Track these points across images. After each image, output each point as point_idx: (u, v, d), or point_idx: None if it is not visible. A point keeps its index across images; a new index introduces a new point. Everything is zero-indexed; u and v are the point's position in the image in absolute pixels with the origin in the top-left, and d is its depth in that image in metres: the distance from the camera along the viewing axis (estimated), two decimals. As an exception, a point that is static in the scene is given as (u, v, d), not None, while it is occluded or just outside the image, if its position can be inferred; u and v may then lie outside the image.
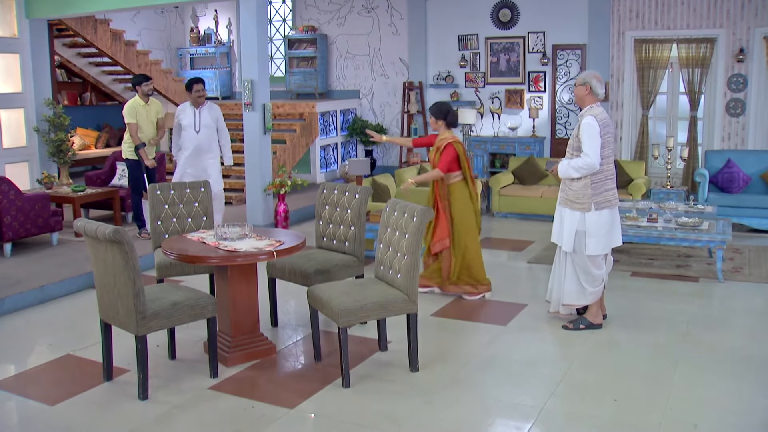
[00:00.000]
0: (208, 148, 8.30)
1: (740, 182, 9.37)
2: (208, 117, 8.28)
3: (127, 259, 4.40)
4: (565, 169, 5.59)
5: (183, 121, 8.23)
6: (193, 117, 8.22)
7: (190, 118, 8.21)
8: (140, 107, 8.37)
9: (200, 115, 8.23)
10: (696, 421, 4.24)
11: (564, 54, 11.61)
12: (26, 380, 5.00)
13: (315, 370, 5.08)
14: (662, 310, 6.25)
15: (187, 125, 8.21)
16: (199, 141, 8.22)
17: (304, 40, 13.81)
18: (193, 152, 8.20)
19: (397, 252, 4.93)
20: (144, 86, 8.37)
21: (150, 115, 8.46)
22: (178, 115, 8.24)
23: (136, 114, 8.33)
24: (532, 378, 4.92)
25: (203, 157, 8.29)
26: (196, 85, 8.15)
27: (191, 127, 8.21)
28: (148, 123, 8.44)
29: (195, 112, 8.22)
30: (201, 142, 8.23)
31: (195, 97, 8.17)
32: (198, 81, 8.20)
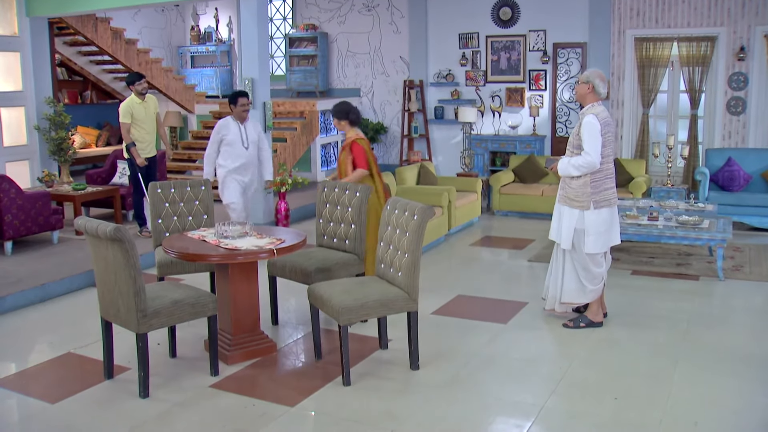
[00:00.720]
0: (253, 165, 7.87)
1: (741, 181, 9.37)
2: (254, 133, 7.82)
3: (128, 257, 4.41)
4: (565, 167, 5.60)
5: (227, 136, 7.65)
6: (239, 132, 7.68)
7: (235, 133, 7.66)
8: (137, 105, 8.33)
9: (246, 131, 7.74)
10: (696, 419, 4.24)
11: (564, 52, 11.60)
12: (27, 378, 5.01)
13: (315, 368, 5.09)
14: (662, 309, 6.26)
15: (233, 141, 7.64)
16: (247, 157, 7.75)
17: (304, 38, 13.81)
18: (240, 168, 7.72)
19: (397, 250, 4.93)
20: (137, 85, 8.31)
21: (149, 111, 8.43)
22: (220, 131, 7.65)
23: (131, 113, 8.29)
24: (533, 376, 4.93)
25: (248, 172, 7.83)
26: (242, 98, 7.60)
27: (239, 142, 7.67)
28: (148, 120, 8.41)
29: (240, 127, 7.69)
30: (249, 158, 7.78)
31: (240, 111, 7.61)
32: (243, 94, 7.69)
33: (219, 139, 7.69)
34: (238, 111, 7.61)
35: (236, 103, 7.58)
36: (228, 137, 7.66)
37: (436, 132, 12.82)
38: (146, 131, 8.43)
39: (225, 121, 7.74)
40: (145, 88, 8.38)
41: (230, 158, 7.69)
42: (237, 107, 7.59)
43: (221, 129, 7.69)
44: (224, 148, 7.70)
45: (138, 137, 8.38)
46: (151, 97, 8.55)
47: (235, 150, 7.67)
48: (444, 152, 12.83)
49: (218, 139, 7.69)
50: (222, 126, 7.71)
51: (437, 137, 12.83)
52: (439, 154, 12.87)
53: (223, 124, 7.72)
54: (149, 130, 8.46)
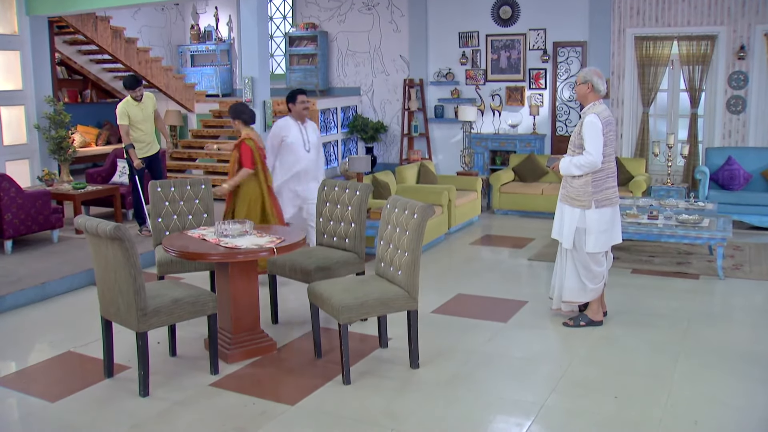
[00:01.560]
0: (314, 170, 7.20)
1: (741, 179, 9.37)
2: (314, 135, 7.19)
3: (128, 256, 4.41)
4: (566, 167, 5.59)
5: (288, 138, 6.97)
6: (300, 134, 7.02)
7: (296, 135, 7.00)
8: (133, 107, 8.27)
9: (307, 133, 7.09)
10: (696, 417, 4.24)
11: (565, 51, 11.60)
12: (27, 377, 5.01)
13: (315, 366, 5.09)
14: (662, 307, 6.26)
15: (294, 143, 6.98)
16: (309, 162, 7.09)
17: (304, 37, 13.80)
18: (302, 173, 7.06)
19: (397, 249, 4.93)
20: (136, 91, 8.23)
21: (147, 111, 8.38)
22: (280, 132, 6.99)
23: (128, 115, 8.23)
24: (533, 375, 4.93)
25: (309, 177, 7.15)
26: (301, 95, 7.00)
27: (300, 146, 7.00)
28: (145, 121, 8.37)
29: (301, 128, 7.05)
30: (310, 163, 7.11)
31: (300, 110, 6.99)
32: (302, 92, 7.07)
33: (279, 142, 7.01)
34: (298, 110, 7.00)
35: (295, 101, 6.99)
36: (289, 138, 6.99)
37: (436, 131, 12.82)
38: (144, 132, 8.38)
39: (284, 121, 7.08)
40: (139, 95, 8.28)
41: (288, 163, 7.03)
42: (296, 105, 6.99)
43: (281, 129, 7.01)
44: (283, 152, 7.03)
45: (136, 138, 8.36)
46: (148, 96, 8.51)
47: (295, 153, 7.02)
48: (444, 151, 12.83)
49: (278, 142, 7.02)
50: (282, 126, 7.03)
51: (437, 136, 12.83)
52: (439, 152, 12.87)
53: (282, 124, 7.05)
54: (147, 131, 8.41)
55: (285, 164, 7.03)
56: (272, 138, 7.05)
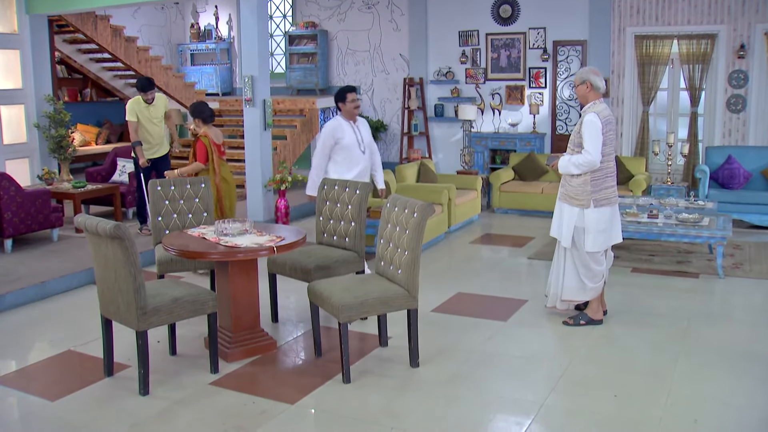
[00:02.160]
0: (368, 173, 6.84)
1: (741, 178, 9.37)
2: (367, 134, 6.80)
3: (128, 254, 4.40)
4: (565, 165, 5.60)
5: (343, 139, 6.59)
6: (354, 134, 6.65)
7: (351, 136, 6.62)
8: (142, 107, 8.27)
9: (360, 133, 6.73)
10: (696, 416, 4.24)
11: (565, 50, 11.59)
12: (27, 376, 5.01)
13: (315, 365, 5.09)
14: (662, 306, 6.26)
15: (350, 144, 6.60)
16: (364, 163, 6.71)
17: (304, 36, 13.80)
18: (359, 175, 6.64)
19: (397, 248, 4.93)
20: (148, 94, 8.21)
21: (155, 114, 8.34)
22: (334, 133, 6.59)
23: (136, 113, 8.23)
24: (533, 373, 4.93)
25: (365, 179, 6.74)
26: (351, 93, 6.65)
27: (355, 146, 6.63)
28: (151, 124, 8.34)
29: (354, 128, 6.68)
30: (366, 165, 6.74)
31: (351, 108, 6.64)
32: (352, 89, 6.70)
33: (332, 144, 6.59)
34: (349, 108, 6.63)
35: (345, 99, 6.63)
36: (344, 140, 6.58)
37: (436, 130, 12.81)
38: (150, 134, 8.36)
39: (336, 121, 6.69)
40: (150, 99, 8.26)
41: (345, 165, 6.60)
42: (347, 104, 6.63)
43: (335, 131, 6.61)
44: (338, 154, 6.62)
45: (143, 137, 8.34)
46: (159, 98, 8.45)
47: (351, 155, 6.61)
48: (444, 150, 12.83)
49: (331, 144, 6.59)
50: (335, 127, 6.63)
51: (437, 135, 12.83)
52: (439, 151, 12.87)
53: (335, 125, 6.65)
54: (154, 133, 8.37)
55: (342, 166, 6.60)
56: (324, 141, 6.62)
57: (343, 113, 6.68)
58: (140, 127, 8.30)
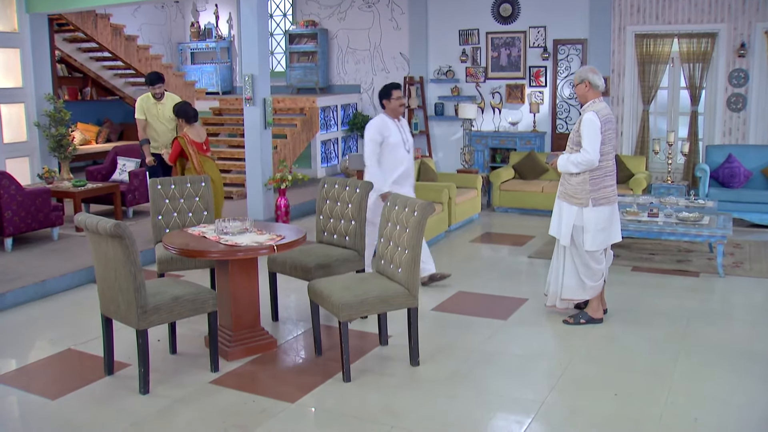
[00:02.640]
0: (411, 174, 6.62)
1: (741, 177, 9.37)
2: (409, 133, 6.58)
3: (128, 253, 4.41)
4: (564, 164, 5.60)
5: (390, 138, 6.33)
6: (399, 133, 6.40)
7: (396, 134, 6.37)
8: (151, 105, 8.25)
9: (405, 132, 6.48)
10: (696, 415, 4.24)
11: (565, 49, 11.59)
12: (27, 375, 5.01)
13: (316, 364, 5.09)
14: (662, 305, 6.26)
15: (395, 143, 6.36)
16: (408, 163, 6.49)
17: (304, 34, 13.79)
18: (401, 177, 6.43)
19: (397, 246, 4.93)
20: (156, 87, 8.20)
21: (164, 113, 8.29)
22: (381, 131, 6.34)
23: (144, 111, 8.24)
24: (533, 372, 4.93)
25: (407, 183, 6.53)
26: (396, 90, 6.43)
27: (401, 145, 6.39)
28: (159, 122, 8.31)
29: (398, 126, 6.44)
30: (410, 165, 6.52)
31: (396, 106, 6.40)
32: (397, 86, 6.50)
33: (379, 141, 6.36)
34: (394, 106, 6.42)
35: (390, 97, 6.43)
36: (390, 139, 6.35)
37: (436, 128, 12.81)
38: (159, 132, 8.31)
39: (381, 120, 6.42)
40: (158, 93, 8.24)
41: (390, 165, 6.40)
42: (392, 101, 6.42)
43: (381, 129, 6.35)
44: (383, 154, 6.39)
45: (151, 135, 8.33)
46: (170, 97, 8.42)
47: (396, 155, 6.40)
48: (444, 149, 12.83)
49: (378, 141, 6.35)
50: (381, 126, 6.37)
51: (437, 134, 12.82)
52: (439, 150, 12.86)
53: (380, 123, 6.39)
54: (163, 131, 8.32)
55: (386, 167, 6.39)
56: (372, 139, 6.34)
57: (387, 111, 6.44)
58: (148, 125, 8.29)
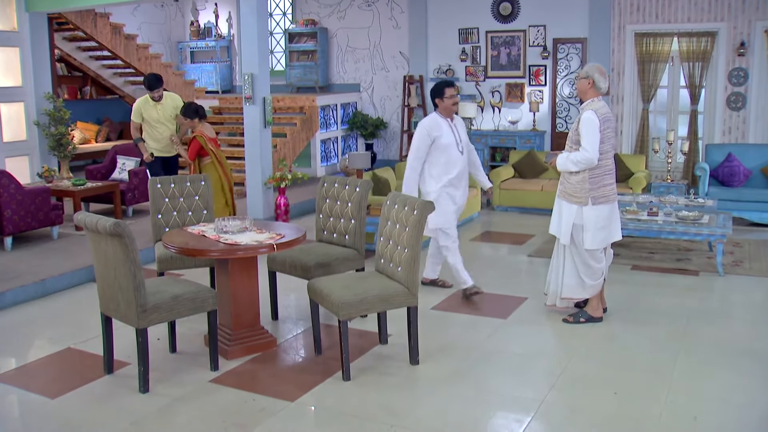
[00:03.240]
0: (466, 175, 6.37)
1: (741, 176, 9.37)
2: (464, 132, 6.33)
3: (128, 252, 4.40)
4: (563, 163, 5.59)
5: (442, 139, 6.12)
6: (452, 133, 6.19)
7: (449, 134, 6.16)
8: (150, 107, 8.17)
9: (458, 131, 6.27)
10: (696, 413, 4.24)
11: (564, 48, 11.59)
12: (27, 373, 5.01)
13: (315, 363, 5.09)
14: (662, 304, 6.26)
15: (447, 144, 6.14)
16: (463, 164, 6.25)
17: (304, 33, 13.79)
18: (456, 178, 6.22)
19: (397, 245, 4.93)
20: (154, 92, 8.11)
21: (164, 113, 8.20)
22: (431, 132, 6.11)
23: (142, 113, 8.16)
24: (533, 371, 4.93)
25: (461, 184, 6.32)
26: (449, 88, 6.17)
27: (453, 145, 6.17)
28: (161, 122, 8.21)
29: (451, 126, 6.22)
30: (464, 166, 6.29)
31: (449, 104, 6.19)
32: (450, 84, 6.23)
33: (429, 144, 6.12)
34: (447, 105, 6.19)
35: (443, 95, 6.18)
36: (442, 139, 6.12)
37: (436, 127, 12.79)
38: (161, 132, 8.23)
39: (432, 119, 6.20)
40: (160, 95, 8.16)
41: (444, 167, 6.17)
42: (445, 99, 6.18)
43: (432, 129, 6.12)
44: (435, 155, 6.16)
45: (153, 136, 8.22)
46: (169, 96, 8.34)
47: (450, 155, 6.16)
48: (444, 148, 12.81)
49: (428, 144, 6.12)
50: (432, 125, 6.15)
51: (437, 133, 12.80)
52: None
53: (431, 123, 6.16)
54: (164, 131, 8.23)
55: (440, 168, 6.17)
56: (420, 140, 6.14)
57: (440, 110, 6.21)
58: (147, 126, 8.22)
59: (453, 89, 6.19)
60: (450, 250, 6.33)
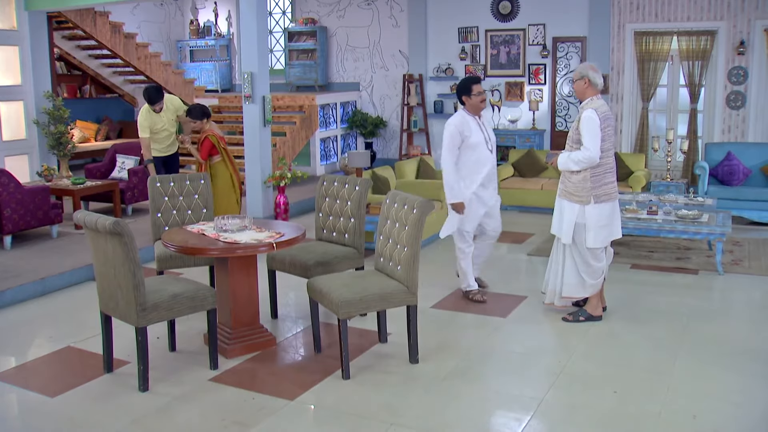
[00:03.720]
0: (495, 175, 6.19)
1: (740, 175, 9.37)
2: (491, 131, 6.13)
3: (127, 251, 4.40)
4: (564, 162, 5.59)
5: (471, 137, 5.92)
6: (480, 131, 5.97)
7: (478, 133, 5.94)
8: (154, 117, 8.23)
9: (487, 130, 6.06)
10: (695, 412, 4.25)
11: (564, 46, 11.59)
12: (27, 372, 5.01)
13: (315, 361, 5.09)
14: (662, 303, 6.26)
15: (477, 142, 5.93)
16: (492, 163, 6.06)
17: (303, 32, 13.78)
18: (486, 178, 6.05)
19: (397, 244, 4.93)
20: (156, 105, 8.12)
21: (167, 119, 8.31)
22: (461, 130, 5.92)
23: (149, 125, 8.17)
24: (532, 369, 4.93)
25: (491, 184, 6.13)
26: (476, 85, 5.95)
27: (483, 144, 5.95)
28: (164, 128, 8.31)
29: (480, 124, 6.01)
30: (493, 165, 6.09)
31: (477, 102, 5.96)
32: (477, 80, 6.00)
33: (459, 142, 5.93)
34: (475, 102, 5.97)
35: (470, 92, 5.95)
36: (471, 138, 5.90)
37: (436, 126, 12.80)
38: (164, 138, 8.35)
39: (460, 117, 5.98)
40: (161, 107, 8.19)
41: (473, 167, 5.98)
42: (472, 97, 5.96)
43: (461, 127, 5.91)
44: (465, 154, 5.97)
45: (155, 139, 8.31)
46: (168, 101, 8.38)
47: (479, 155, 5.96)
48: (443, 146, 12.80)
49: (458, 143, 5.93)
50: (461, 123, 5.94)
51: (437, 131, 12.81)
52: (439, 148, 12.82)
53: (460, 121, 5.95)
54: (167, 136, 8.37)
55: (470, 168, 5.99)
56: (451, 139, 5.94)
57: (468, 107, 6.00)
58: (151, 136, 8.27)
59: (479, 85, 5.98)
60: (464, 254, 6.25)
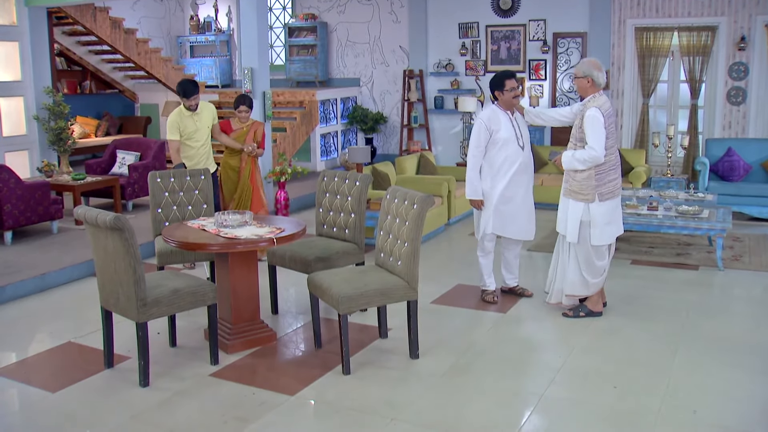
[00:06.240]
0: (529, 172, 6.01)
1: (740, 171, 9.36)
2: (525, 127, 5.99)
3: (128, 246, 4.41)
4: (569, 161, 5.57)
5: (500, 133, 5.77)
6: (511, 127, 5.83)
7: (508, 128, 5.80)
8: (186, 119, 7.02)
9: (519, 125, 5.90)
10: (695, 407, 4.25)
11: (564, 42, 11.57)
12: (27, 367, 5.01)
13: (315, 357, 5.10)
14: (662, 298, 6.26)
15: (506, 138, 5.78)
16: (524, 159, 5.89)
17: (304, 28, 13.77)
18: (516, 173, 5.86)
19: (397, 239, 4.93)
20: (192, 99, 6.93)
21: (202, 122, 7.12)
22: (489, 125, 5.78)
23: (179, 127, 6.99)
24: (532, 365, 4.94)
25: (523, 179, 5.94)
26: (510, 80, 5.81)
27: (513, 140, 5.81)
28: (198, 135, 7.12)
29: (511, 119, 5.86)
30: (526, 162, 5.92)
31: (509, 98, 5.83)
32: (510, 75, 5.87)
33: (487, 138, 5.79)
34: (507, 98, 5.84)
35: (503, 87, 5.82)
36: (500, 133, 5.76)
37: (436, 122, 12.80)
38: (196, 148, 7.14)
39: (491, 111, 5.86)
40: (193, 105, 6.98)
41: (502, 163, 5.83)
42: (505, 93, 5.83)
43: (489, 122, 5.79)
44: (493, 151, 5.83)
45: (187, 154, 7.13)
46: (206, 106, 7.22)
47: (509, 151, 5.81)
48: (443, 142, 12.82)
49: (486, 138, 5.79)
50: (489, 118, 5.81)
51: (437, 127, 12.81)
52: (439, 143, 12.86)
53: (489, 115, 5.82)
54: (200, 147, 7.15)
55: (495, 165, 5.84)
56: (479, 134, 5.80)
57: (500, 103, 5.88)
58: (183, 142, 7.10)
59: (513, 81, 5.84)
60: (483, 252, 6.15)
